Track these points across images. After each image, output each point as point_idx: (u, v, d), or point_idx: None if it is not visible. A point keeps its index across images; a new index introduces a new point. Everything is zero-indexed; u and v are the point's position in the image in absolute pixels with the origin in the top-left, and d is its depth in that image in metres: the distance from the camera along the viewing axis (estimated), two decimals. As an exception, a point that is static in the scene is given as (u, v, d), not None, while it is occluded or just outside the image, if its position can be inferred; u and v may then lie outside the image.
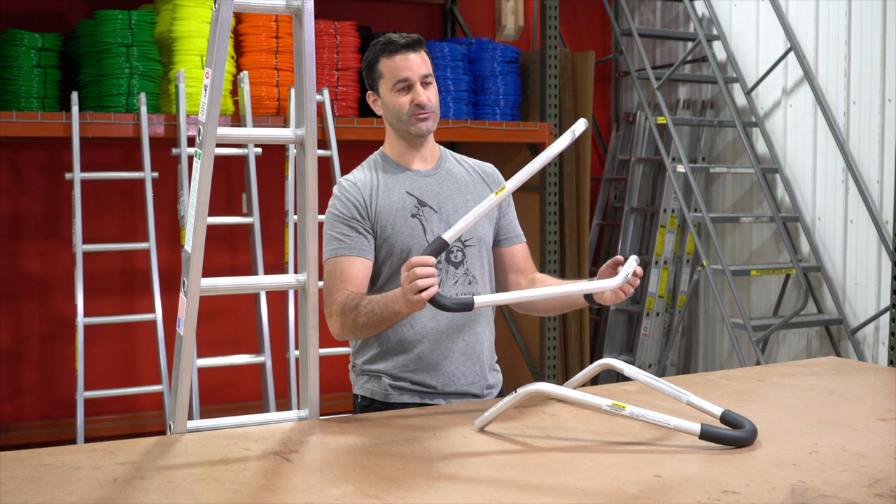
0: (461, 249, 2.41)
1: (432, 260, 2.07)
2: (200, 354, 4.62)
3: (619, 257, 2.22)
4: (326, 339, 2.46)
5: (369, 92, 2.48)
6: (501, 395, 2.52)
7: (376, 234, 2.38)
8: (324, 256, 2.41)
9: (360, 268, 2.35)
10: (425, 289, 2.04)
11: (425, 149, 2.47)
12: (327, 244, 2.39)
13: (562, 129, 5.80)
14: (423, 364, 2.39)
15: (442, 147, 2.55)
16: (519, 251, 2.55)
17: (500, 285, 2.55)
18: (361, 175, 2.44)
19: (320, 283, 2.31)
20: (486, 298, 2.18)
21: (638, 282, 2.17)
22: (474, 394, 2.44)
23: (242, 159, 4.83)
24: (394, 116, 2.41)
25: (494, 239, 2.52)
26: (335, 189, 2.43)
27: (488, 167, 2.57)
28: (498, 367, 2.55)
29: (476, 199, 2.46)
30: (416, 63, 2.39)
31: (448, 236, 2.10)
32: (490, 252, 2.50)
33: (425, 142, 2.46)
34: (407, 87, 2.39)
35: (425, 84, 2.40)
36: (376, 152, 2.51)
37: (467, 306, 2.08)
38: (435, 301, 2.07)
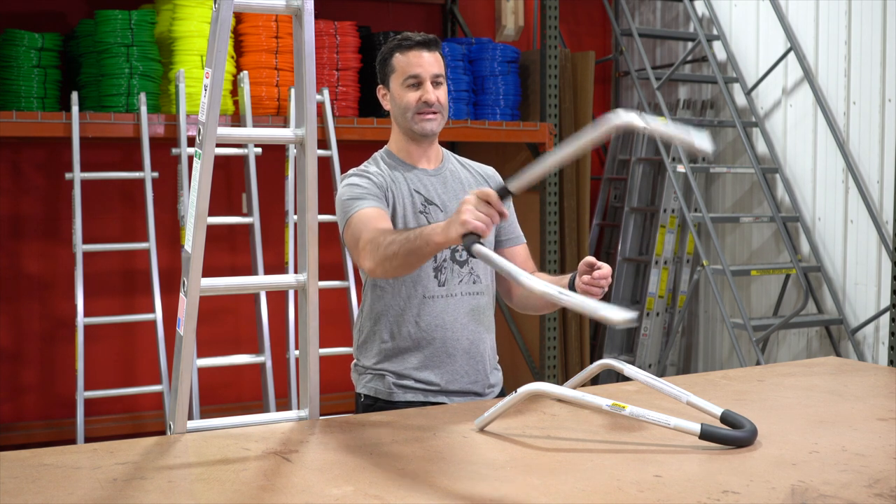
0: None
1: (496, 199, 1.90)
2: (200, 354, 4.62)
3: (591, 258, 2.22)
4: (326, 340, 2.46)
5: (379, 86, 2.49)
6: (502, 394, 2.53)
7: (394, 213, 2.38)
8: (342, 219, 2.33)
9: (386, 217, 2.30)
10: (479, 225, 1.89)
11: (430, 149, 2.49)
12: (348, 207, 2.30)
13: (562, 129, 5.80)
14: (427, 362, 2.40)
15: (444, 149, 2.56)
16: (519, 252, 2.57)
17: (499, 285, 2.56)
18: (373, 167, 2.45)
19: (321, 284, 2.31)
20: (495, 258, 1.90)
21: (601, 289, 2.20)
22: (477, 392, 2.46)
23: (242, 159, 4.84)
24: (399, 112, 2.42)
25: (496, 240, 2.53)
26: (349, 174, 2.40)
27: (489, 169, 2.60)
28: (499, 366, 2.56)
29: None
30: (430, 61, 2.41)
31: (513, 187, 1.91)
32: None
33: (430, 143, 2.47)
34: (417, 83, 2.40)
35: (436, 84, 2.41)
36: (381, 150, 2.52)
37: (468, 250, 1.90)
38: (469, 244, 1.90)
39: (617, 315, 1.61)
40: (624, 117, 1.82)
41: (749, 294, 5.62)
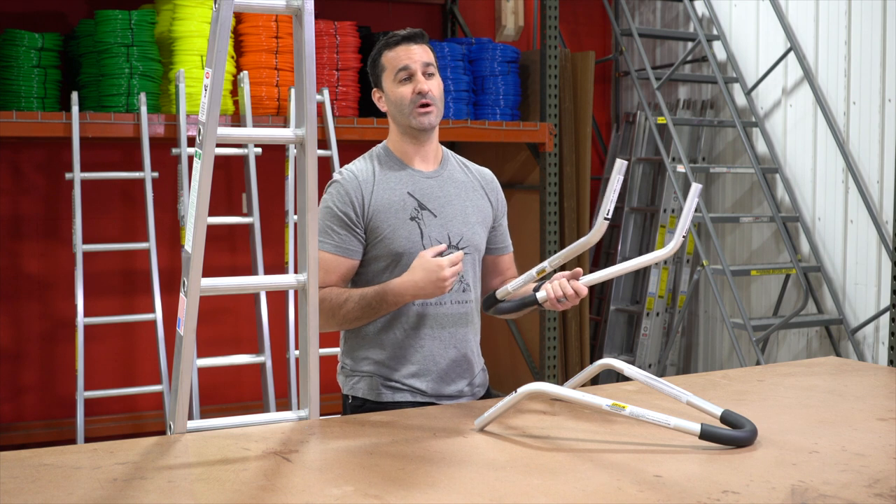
0: None
1: (460, 256, 2.27)
2: (200, 354, 4.62)
3: (578, 270, 2.31)
4: (326, 340, 2.46)
5: (374, 89, 2.47)
6: (488, 394, 2.54)
7: (370, 231, 2.37)
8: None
9: (344, 267, 2.37)
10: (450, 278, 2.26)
11: (428, 149, 2.45)
12: (319, 233, 2.36)
13: (562, 129, 5.80)
14: (414, 370, 2.40)
15: (444, 148, 2.54)
16: (505, 260, 2.60)
17: (483, 286, 2.56)
18: (363, 166, 2.42)
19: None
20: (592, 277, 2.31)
21: (568, 301, 2.26)
22: (466, 396, 2.47)
23: (242, 159, 4.84)
24: (396, 109, 2.40)
25: (486, 247, 2.53)
26: (335, 176, 2.42)
27: (488, 174, 2.58)
28: (485, 367, 2.58)
29: (474, 206, 2.47)
30: (417, 53, 2.39)
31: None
32: (481, 260, 2.52)
33: (428, 141, 2.45)
34: (408, 76, 2.38)
35: (427, 75, 2.39)
36: (379, 145, 2.49)
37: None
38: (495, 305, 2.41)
39: None
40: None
41: (749, 294, 5.62)
